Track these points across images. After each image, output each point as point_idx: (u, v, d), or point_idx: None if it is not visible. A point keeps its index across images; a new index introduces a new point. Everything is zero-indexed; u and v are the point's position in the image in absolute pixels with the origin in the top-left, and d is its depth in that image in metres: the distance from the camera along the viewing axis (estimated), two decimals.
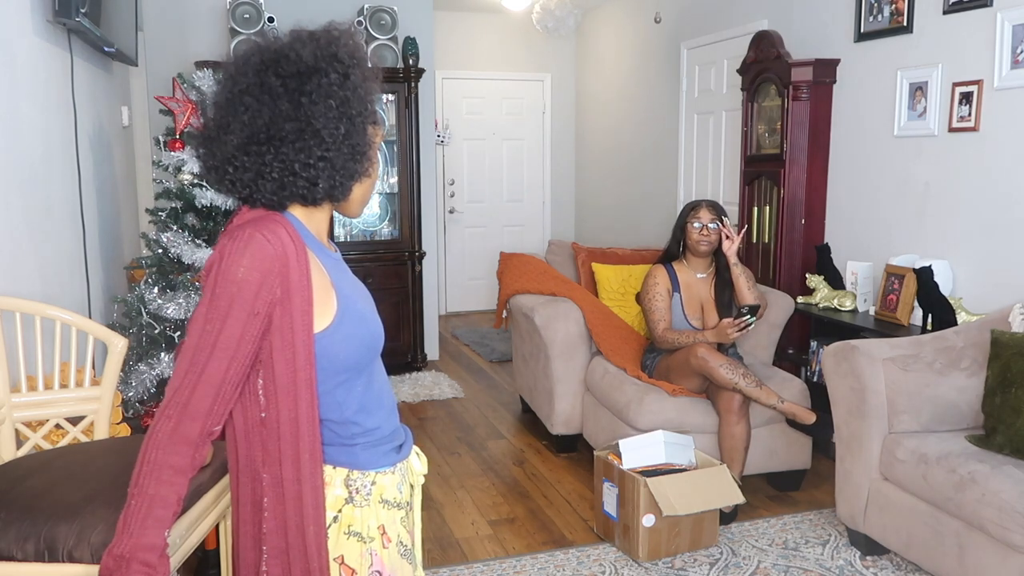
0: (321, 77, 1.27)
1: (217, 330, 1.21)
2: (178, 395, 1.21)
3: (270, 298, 1.23)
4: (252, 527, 1.30)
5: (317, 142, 1.27)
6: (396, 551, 1.39)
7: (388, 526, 1.38)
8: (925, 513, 2.67)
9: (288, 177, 1.27)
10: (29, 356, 2.54)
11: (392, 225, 5.64)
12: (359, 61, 1.33)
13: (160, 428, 1.21)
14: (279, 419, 1.26)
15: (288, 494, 1.27)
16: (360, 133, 1.32)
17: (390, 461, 1.40)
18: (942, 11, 3.58)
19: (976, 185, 3.49)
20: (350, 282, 1.38)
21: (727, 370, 3.22)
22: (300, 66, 1.26)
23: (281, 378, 1.25)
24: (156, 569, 1.18)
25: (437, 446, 4.23)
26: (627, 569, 2.93)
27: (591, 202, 7.63)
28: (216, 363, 1.21)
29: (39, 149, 3.07)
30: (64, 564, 1.79)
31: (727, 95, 5.27)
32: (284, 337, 1.25)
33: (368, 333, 1.35)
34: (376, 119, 1.37)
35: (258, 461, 1.28)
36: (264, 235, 1.24)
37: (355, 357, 1.32)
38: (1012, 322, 2.92)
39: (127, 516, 1.19)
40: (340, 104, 1.28)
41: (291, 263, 1.25)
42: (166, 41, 5.18)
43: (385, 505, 1.38)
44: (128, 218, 4.76)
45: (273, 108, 1.25)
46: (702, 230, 3.54)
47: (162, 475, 1.19)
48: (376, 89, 1.37)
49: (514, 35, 7.58)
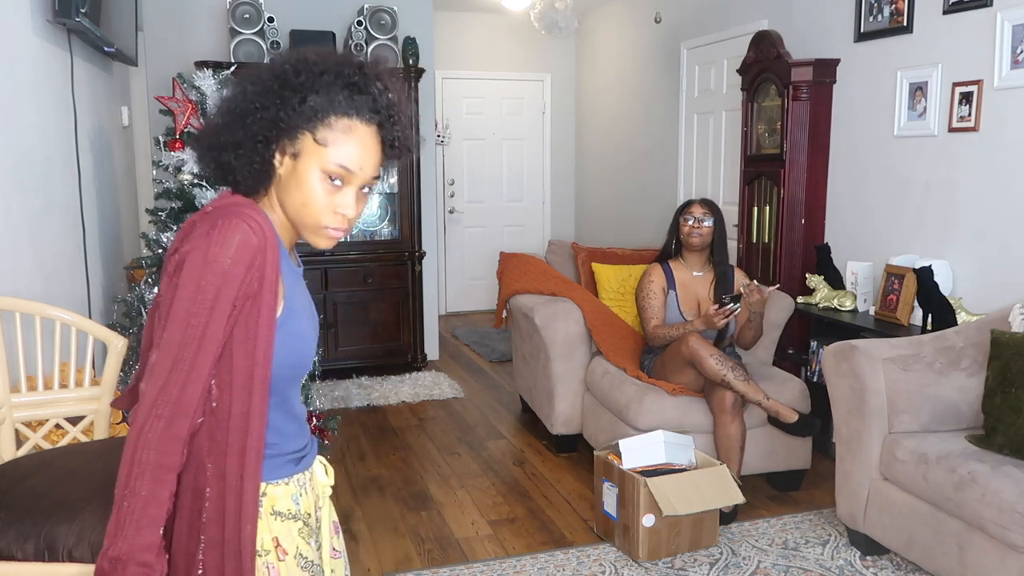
0: (334, 79, 1.25)
1: (204, 323, 1.18)
2: (167, 393, 1.18)
3: (248, 291, 1.21)
4: (190, 513, 1.26)
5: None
6: (295, 563, 1.35)
7: (282, 538, 1.34)
8: (925, 513, 2.67)
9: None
10: (29, 356, 2.54)
11: (392, 225, 5.64)
12: (376, 72, 1.30)
13: (150, 428, 1.17)
14: (231, 411, 1.23)
15: (230, 488, 1.24)
16: (250, 143, 1.26)
17: (284, 473, 1.36)
18: (942, 11, 3.58)
19: (976, 185, 3.49)
20: (302, 299, 1.36)
21: (716, 360, 3.23)
22: (320, 74, 1.25)
23: (238, 371, 1.23)
24: (154, 568, 1.17)
25: (437, 446, 4.23)
26: (627, 569, 2.93)
27: (591, 202, 7.63)
28: (204, 357, 1.19)
29: (39, 149, 3.07)
30: (64, 564, 1.79)
31: (727, 95, 5.27)
32: (248, 330, 1.22)
33: (298, 351, 1.32)
34: (320, 137, 1.26)
35: (204, 450, 1.25)
36: (249, 226, 1.22)
37: (275, 372, 1.27)
38: (1012, 322, 2.92)
39: (119, 518, 1.16)
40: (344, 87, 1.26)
41: (269, 258, 1.23)
42: (166, 41, 5.18)
43: (278, 517, 1.34)
44: (128, 218, 4.76)
45: (274, 115, 1.25)
46: (693, 224, 3.58)
47: (155, 475, 1.17)
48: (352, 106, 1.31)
49: (514, 35, 7.58)
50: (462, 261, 7.72)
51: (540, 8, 5.99)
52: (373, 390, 5.13)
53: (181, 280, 1.20)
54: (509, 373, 5.51)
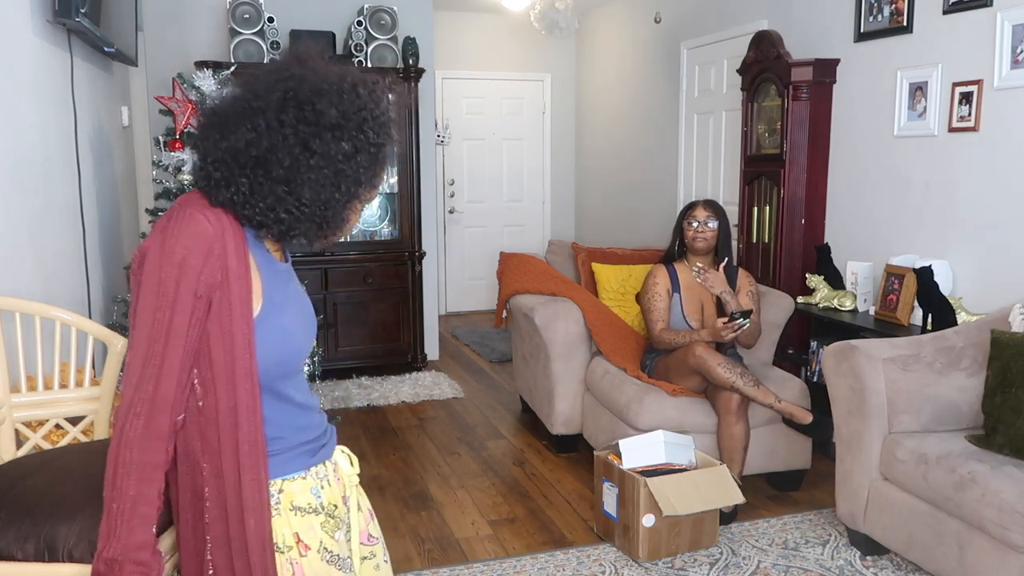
0: (333, 141, 1.24)
1: (168, 317, 1.17)
2: (141, 390, 1.17)
3: (211, 281, 1.20)
4: (193, 515, 1.27)
5: (293, 198, 1.24)
6: (318, 558, 1.34)
7: (303, 533, 1.33)
8: (925, 513, 2.67)
9: (249, 203, 1.24)
10: (29, 356, 2.54)
11: (392, 225, 5.64)
12: (380, 137, 1.30)
13: (130, 427, 1.17)
14: (217, 408, 1.23)
15: (228, 484, 1.24)
16: (339, 204, 1.29)
17: (298, 466, 1.35)
18: (942, 11, 3.58)
19: (976, 185, 3.49)
20: (287, 294, 1.35)
21: (725, 369, 3.23)
22: (321, 119, 1.23)
23: (218, 367, 1.22)
24: (150, 566, 1.17)
25: (437, 446, 4.23)
26: (627, 569, 2.93)
27: (591, 202, 7.63)
28: (173, 350, 1.18)
29: (39, 149, 3.07)
30: (64, 564, 1.79)
31: (727, 95, 5.27)
32: (223, 324, 1.21)
33: (283, 348, 1.30)
34: (375, 183, 1.33)
35: (197, 451, 1.25)
36: (204, 215, 1.21)
37: (261, 369, 1.27)
38: (1012, 322, 2.92)
39: (110, 520, 1.16)
40: (335, 174, 1.26)
41: (229, 247, 1.22)
42: (166, 41, 5.18)
43: (297, 512, 1.33)
44: (128, 218, 4.76)
45: (271, 142, 1.22)
46: (698, 228, 3.56)
47: (141, 473, 1.17)
48: (386, 161, 1.34)
49: (514, 35, 7.58)
50: (462, 261, 7.72)
51: (540, 8, 5.99)
52: (373, 390, 5.13)
53: (143, 277, 1.20)
54: (509, 373, 5.51)
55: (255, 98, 1.24)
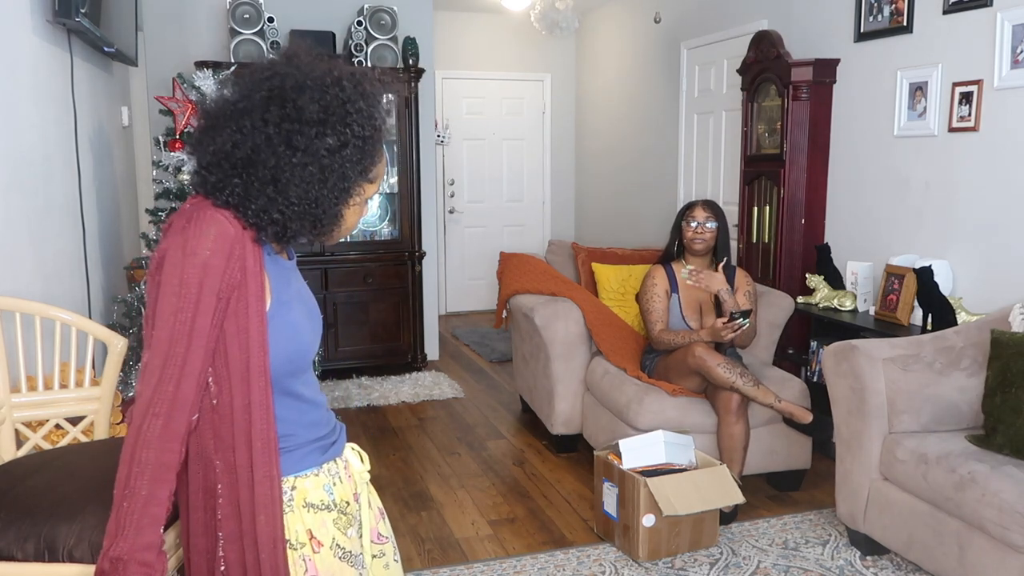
0: (317, 137, 1.23)
1: (191, 317, 1.18)
2: (161, 391, 1.17)
3: (232, 281, 1.21)
4: (204, 513, 1.27)
5: (282, 198, 1.24)
6: (331, 555, 1.35)
7: (316, 530, 1.34)
8: (925, 513, 2.67)
9: (243, 205, 1.25)
10: (29, 356, 2.54)
11: (392, 225, 5.65)
12: (367, 129, 1.28)
13: (149, 427, 1.17)
14: (232, 405, 1.23)
15: (241, 480, 1.24)
16: (329, 200, 1.27)
17: (311, 463, 1.36)
18: (942, 11, 3.58)
19: (976, 185, 3.49)
20: (293, 291, 1.35)
21: (724, 369, 3.23)
22: (303, 115, 1.23)
23: (234, 364, 1.22)
24: (154, 567, 1.17)
25: (437, 446, 4.23)
26: (627, 569, 2.93)
27: (591, 202, 7.63)
28: (195, 352, 1.18)
29: (39, 149, 3.07)
30: (64, 564, 1.79)
31: (727, 95, 5.27)
32: (239, 323, 1.22)
33: (293, 343, 1.31)
34: (368, 176, 1.32)
35: (210, 448, 1.25)
36: (224, 216, 1.22)
37: (273, 366, 1.27)
38: (1012, 322, 2.92)
39: (120, 518, 1.16)
40: (321, 170, 1.25)
41: (247, 246, 1.23)
42: (166, 41, 5.18)
43: (310, 509, 1.34)
44: (128, 218, 4.76)
45: (255, 142, 1.22)
46: (696, 228, 3.56)
47: (155, 474, 1.17)
48: (379, 152, 1.33)
49: (514, 35, 7.58)
50: (462, 261, 7.72)
51: (540, 8, 5.99)
52: (373, 390, 5.13)
53: (163, 277, 1.20)
54: (509, 373, 5.51)
55: (241, 99, 1.25)
